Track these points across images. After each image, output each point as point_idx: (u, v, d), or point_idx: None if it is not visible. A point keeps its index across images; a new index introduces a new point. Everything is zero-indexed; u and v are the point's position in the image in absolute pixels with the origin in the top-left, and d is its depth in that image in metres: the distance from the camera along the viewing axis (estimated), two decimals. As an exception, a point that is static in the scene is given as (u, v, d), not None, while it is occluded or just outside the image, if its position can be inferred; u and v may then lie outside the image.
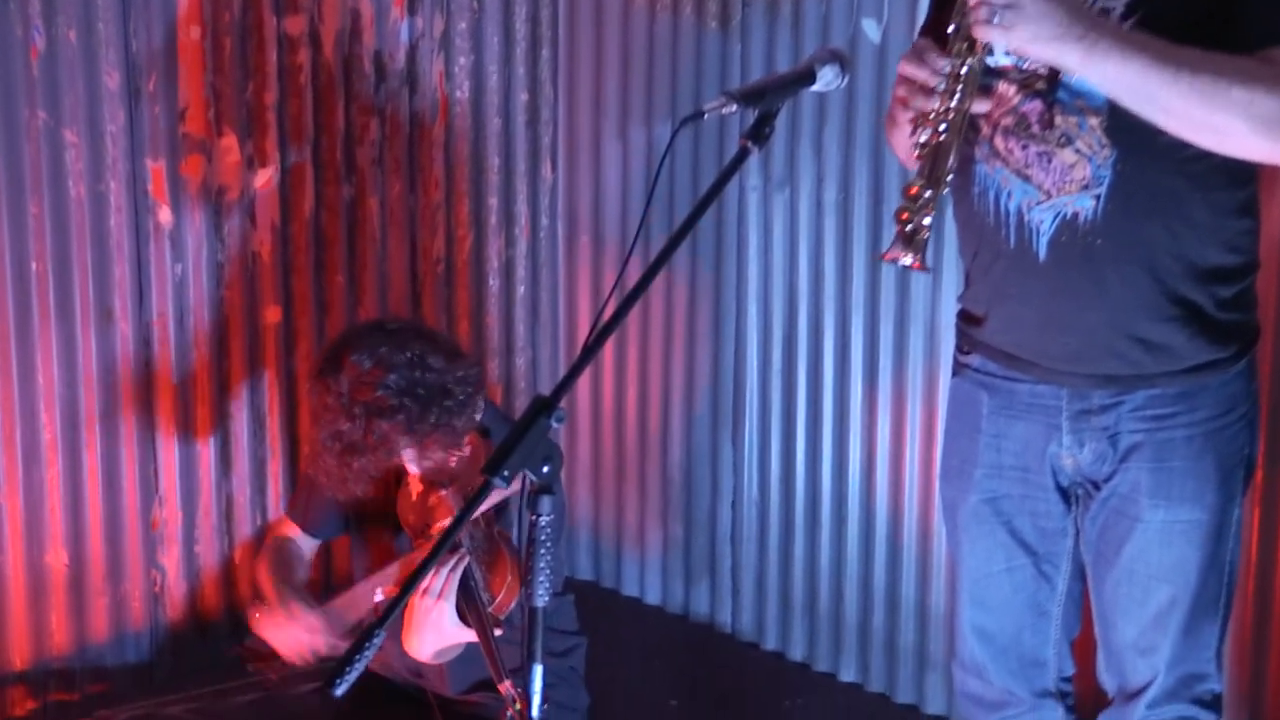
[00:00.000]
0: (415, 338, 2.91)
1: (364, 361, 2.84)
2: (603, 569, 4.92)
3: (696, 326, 4.53)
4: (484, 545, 2.83)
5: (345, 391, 2.83)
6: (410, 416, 2.81)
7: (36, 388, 3.87)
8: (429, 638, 2.79)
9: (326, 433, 2.86)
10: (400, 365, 2.84)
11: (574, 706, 3.18)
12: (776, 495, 4.38)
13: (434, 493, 2.92)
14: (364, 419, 2.81)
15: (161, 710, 3.92)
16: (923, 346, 3.97)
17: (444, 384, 2.86)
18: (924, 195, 2.36)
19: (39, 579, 3.94)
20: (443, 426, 2.84)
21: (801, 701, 4.14)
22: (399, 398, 2.81)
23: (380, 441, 2.82)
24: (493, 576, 2.80)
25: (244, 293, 4.22)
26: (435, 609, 2.76)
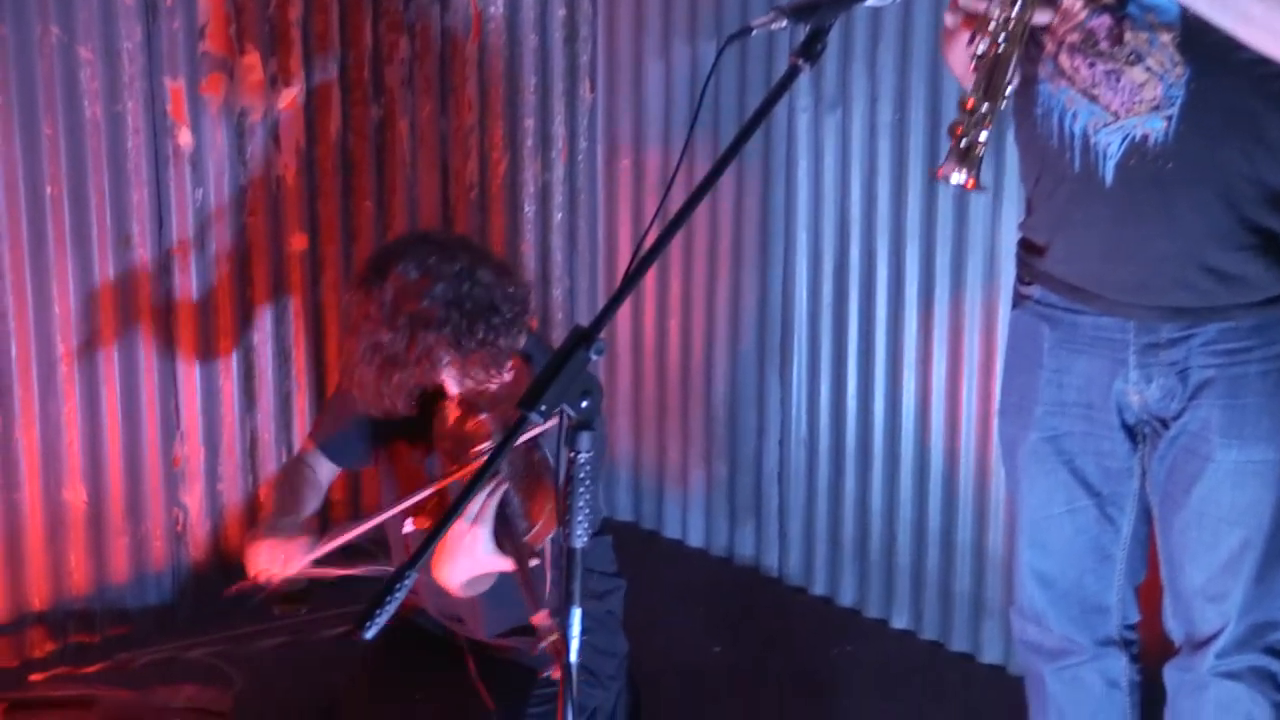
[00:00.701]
0: (464, 250, 2.92)
1: (410, 271, 2.84)
2: (643, 510, 4.94)
3: (742, 255, 4.53)
4: (522, 471, 2.84)
5: (389, 301, 2.84)
6: (457, 330, 2.81)
7: (52, 318, 3.90)
8: (461, 564, 2.80)
9: (366, 344, 2.86)
10: (448, 276, 2.84)
11: (612, 651, 3.20)
12: (826, 433, 4.38)
13: (472, 417, 2.92)
14: (407, 330, 2.82)
15: (184, 654, 3.97)
16: (981, 276, 3.95)
17: (493, 299, 2.86)
18: (980, 109, 2.34)
19: (57, 516, 3.99)
20: (489, 344, 2.84)
21: (851, 649, 4.16)
22: (446, 309, 2.82)
23: (423, 355, 2.82)
24: (531, 504, 2.80)
25: (267, 219, 4.23)
26: (470, 534, 2.76)
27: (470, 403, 2.94)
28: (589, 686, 3.00)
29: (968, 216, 3.94)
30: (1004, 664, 4.03)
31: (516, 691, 3.05)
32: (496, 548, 2.79)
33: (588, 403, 2.04)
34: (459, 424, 2.97)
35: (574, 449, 2.08)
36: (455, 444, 2.95)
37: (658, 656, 3.94)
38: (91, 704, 3.59)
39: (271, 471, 4.33)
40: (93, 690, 3.66)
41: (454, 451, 2.95)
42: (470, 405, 2.95)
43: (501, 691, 3.02)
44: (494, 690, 3.01)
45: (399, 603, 2.01)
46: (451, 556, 2.80)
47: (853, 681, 3.97)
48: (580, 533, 2.11)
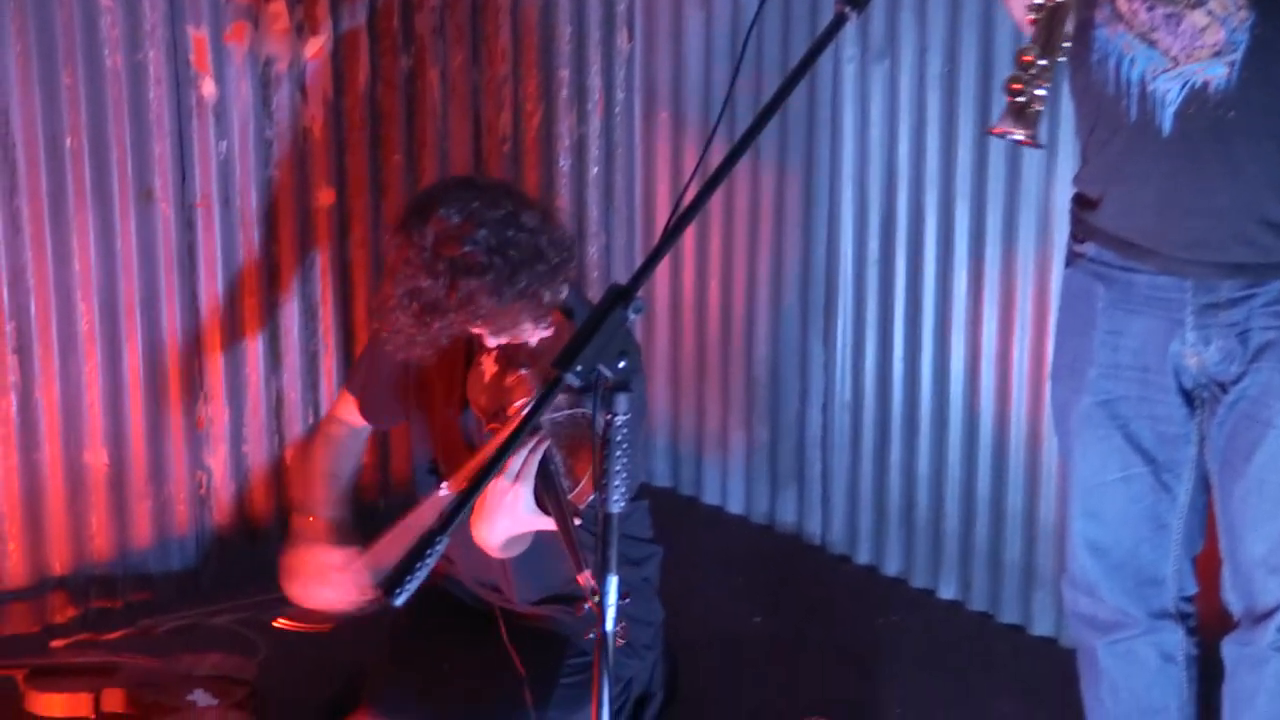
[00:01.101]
0: (507, 195, 2.91)
1: (453, 215, 2.84)
2: (681, 475, 4.95)
3: (785, 211, 4.51)
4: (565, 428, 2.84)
5: (429, 245, 2.83)
6: (499, 277, 2.81)
7: (72, 274, 3.92)
8: (501, 523, 2.80)
9: (404, 289, 2.86)
10: (492, 222, 2.84)
11: (648, 620, 3.21)
12: (871, 396, 4.38)
13: (511, 373, 2.92)
14: (448, 276, 2.81)
15: (208, 620, 4.00)
16: (1034, 233, 3.93)
17: (537, 245, 2.85)
18: (1038, 63, 2.33)
19: (78, 479, 4.01)
20: (530, 293, 2.84)
21: (896, 619, 4.16)
22: (488, 255, 2.81)
23: (464, 302, 2.82)
24: (574, 461, 2.80)
25: (294, 172, 4.24)
26: (512, 492, 2.76)
27: (509, 357, 2.94)
28: (624, 656, 3.01)
29: (1020, 171, 3.92)
30: (1055, 636, 4.02)
31: (549, 660, 3.07)
32: (538, 507, 2.80)
33: (625, 363, 2.04)
34: (497, 379, 2.96)
35: (611, 411, 2.09)
36: (492, 400, 2.95)
37: (695, 625, 3.94)
38: (114, 671, 3.62)
39: (298, 433, 4.35)
40: (115, 657, 3.70)
41: (491, 408, 2.95)
42: (509, 360, 2.95)
43: (534, 660, 3.03)
44: (526, 659, 3.02)
45: (430, 569, 2.02)
46: (491, 515, 2.80)
47: (898, 654, 3.97)
48: (617, 498, 2.12)
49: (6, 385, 3.87)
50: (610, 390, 2.08)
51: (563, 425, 2.85)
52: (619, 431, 2.10)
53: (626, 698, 3.16)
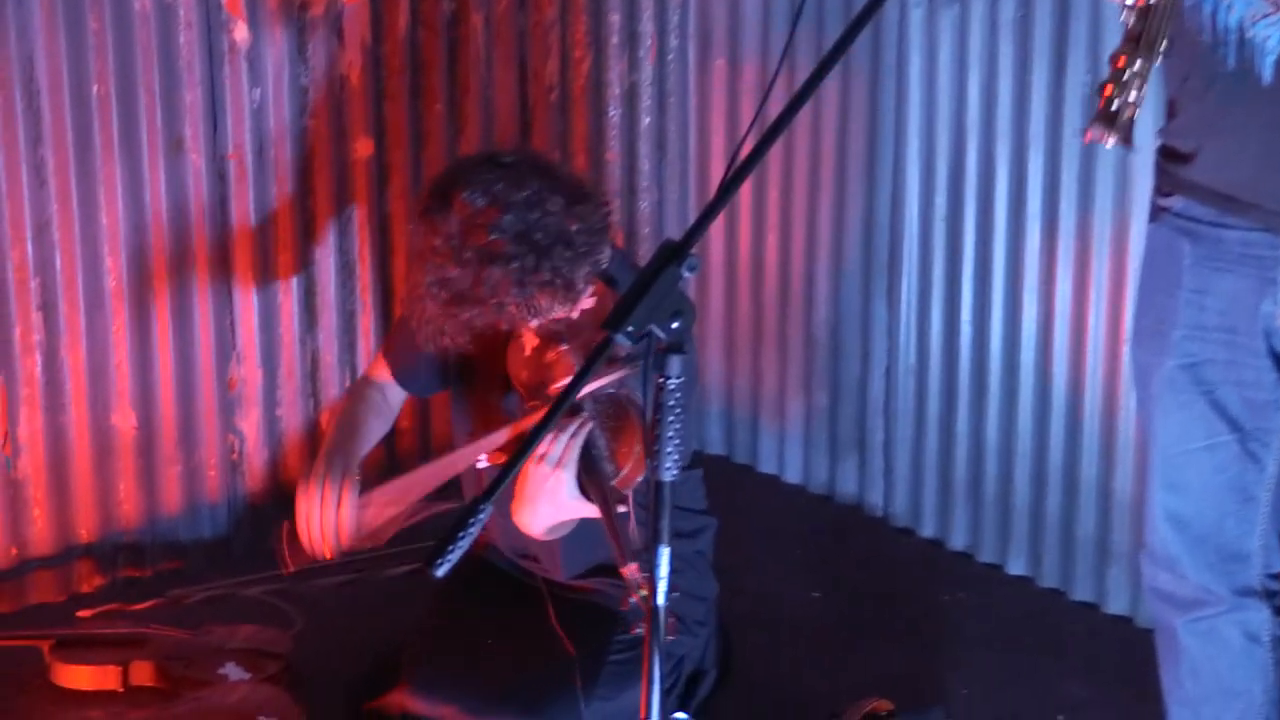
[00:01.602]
0: (533, 173, 2.89)
1: (476, 199, 2.83)
2: (736, 442, 4.94)
3: (847, 165, 4.49)
4: (609, 410, 2.84)
5: (455, 233, 2.83)
6: (522, 267, 2.81)
7: (99, 228, 3.93)
8: (543, 510, 2.81)
9: (432, 279, 2.86)
10: (516, 205, 2.83)
11: (701, 595, 3.20)
12: (937, 360, 4.35)
13: (552, 347, 2.92)
14: (475, 266, 2.81)
15: (240, 591, 4.02)
16: (1112, 188, 3.90)
17: (564, 229, 2.84)
18: (1133, 66, 2.28)
19: (105, 442, 4.03)
20: (557, 281, 2.84)
21: (962, 596, 4.14)
22: (514, 243, 2.81)
23: (492, 292, 2.82)
24: (618, 445, 2.80)
25: (330, 122, 4.24)
26: (553, 478, 2.77)
27: (549, 330, 2.94)
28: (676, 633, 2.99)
29: (1098, 122, 3.88)
30: (1130, 615, 4.00)
31: (597, 637, 3.07)
32: (581, 493, 2.80)
33: (679, 324, 2.03)
34: (537, 355, 2.96)
35: (663, 374, 2.08)
36: (533, 376, 2.95)
37: (750, 601, 3.94)
38: (142, 643, 3.64)
39: (334, 396, 4.36)
40: (143, 628, 3.72)
41: (532, 385, 2.95)
42: (549, 334, 2.94)
43: (581, 636, 3.03)
44: (573, 635, 3.02)
45: (472, 539, 2.01)
46: (533, 501, 2.81)
47: (963, 632, 3.96)
48: (669, 466, 2.11)
49: (31, 344, 3.88)
50: (663, 352, 2.07)
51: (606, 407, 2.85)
52: (671, 395, 2.08)
53: (678, 676, 3.16)
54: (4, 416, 3.89)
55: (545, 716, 2.99)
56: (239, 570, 4.13)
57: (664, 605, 2.14)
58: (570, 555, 3.08)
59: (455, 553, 2.00)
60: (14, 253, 3.82)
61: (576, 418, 2.82)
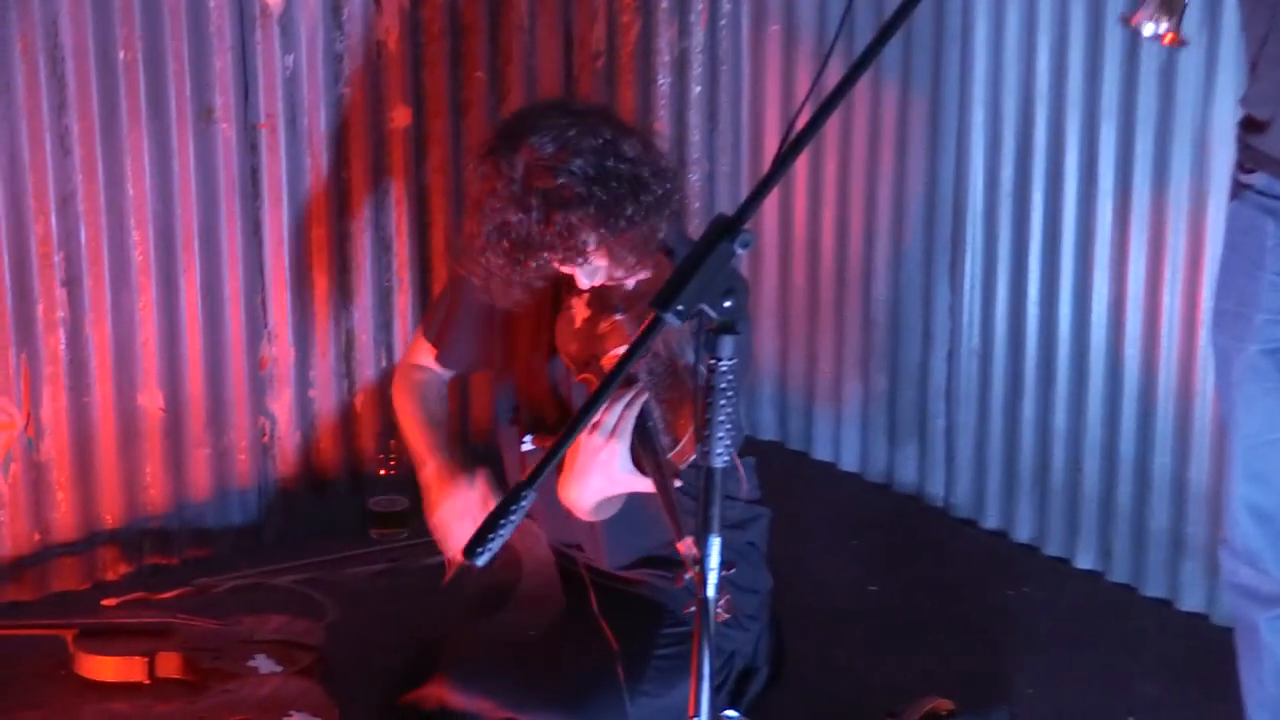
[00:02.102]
0: (606, 122, 2.91)
1: (545, 144, 2.84)
2: (790, 428, 4.93)
3: (909, 136, 4.47)
4: (665, 380, 2.83)
5: (519, 177, 2.83)
6: (602, 208, 2.81)
7: (125, 199, 3.94)
8: (594, 483, 2.80)
9: (492, 224, 2.86)
10: (588, 150, 2.83)
11: (754, 589, 3.20)
12: (1002, 342, 4.34)
13: (604, 318, 2.92)
14: (542, 210, 2.81)
15: (270, 580, 4.03)
16: (1189, 161, 3.87)
17: (639, 175, 2.85)
18: None
19: (131, 423, 4.04)
20: (640, 223, 2.84)
21: (1028, 591, 4.13)
22: (586, 187, 2.81)
23: (562, 236, 2.82)
24: (675, 417, 2.80)
25: (367, 90, 4.24)
26: (606, 449, 2.77)
27: (602, 300, 2.93)
28: (727, 627, 2.99)
29: (1174, 90, 3.86)
30: (1206, 612, 3.98)
31: (644, 630, 3.06)
32: (634, 466, 2.79)
33: (731, 303, 2.02)
34: (588, 325, 2.96)
35: (715, 355, 2.07)
36: (583, 348, 2.95)
37: (804, 595, 3.93)
38: (168, 633, 3.66)
39: (369, 377, 4.36)
40: (170, 618, 3.73)
41: (581, 357, 2.95)
42: (602, 303, 2.93)
43: (626, 629, 3.03)
44: (618, 628, 3.02)
45: (515, 526, 2.01)
46: (583, 474, 2.80)
47: (1028, 629, 3.94)
48: (720, 451, 2.10)
49: (54, 321, 3.90)
50: (714, 332, 2.06)
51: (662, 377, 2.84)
52: (723, 378, 2.08)
53: (729, 672, 3.16)
54: (26, 397, 3.91)
55: (588, 713, 2.99)
56: (269, 558, 4.15)
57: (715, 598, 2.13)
58: (616, 544, 3.08)
59: (497, 541, 2.00)
60: (37, 225, 3.83)
61: (631, 388, 2.82)
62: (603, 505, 2.87)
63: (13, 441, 3.91)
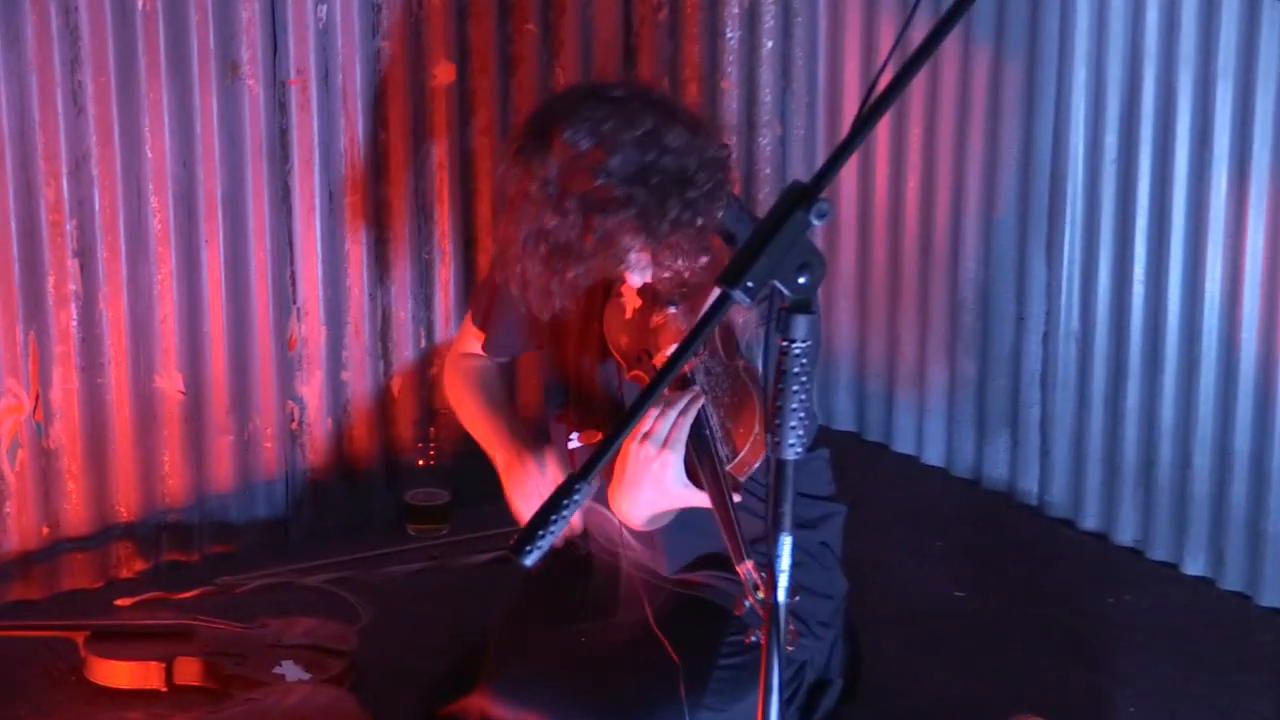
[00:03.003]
0: (646, 108, 2.89)
1: (580, 139, 2.83)
2: (868, 417, 4.93)
3: (1002, 97, 4.46)
4: (724, 382, 2.83)
5: (554, 178, 2.83)
6: (645, 212, 2.80)
7: (143, 163, 3.96)
8: (645, 497, 2.81)
9: (528, 230, 2.86)
10: (628, 145, 2.82)
11: (827, 593, 3.20)
12: (1104, 325, 4.32)
13: (657, 310, 2.92)
14: (580, 214, 2.81)
15: (299, 580, 4.05)
16: (1314, 127, 3.87)
17: (685, 169, 2.84)
18: None
19: (148, 408, 4.07)
20: (687, 222, 2.83)
21: (1130, 598, 4.12)
22: (627, 188, 2.81)
23: (603, 243, 2.82)
24: (735, 424, 2.80)
25: (406, 44, 4.25)
26: (658, 460, 2.77)
27: (654, 290, 2.93)
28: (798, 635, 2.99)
29: (1298, 49, 3.85)
30: (1328, 624, 3.98)
31: (705, 638, 3.07)
32: (690, 479, 2.80)
33: (806, 279, 2.02)
34: (640, 317, 2.96)
35: (788, 336, 2.07)
36: (634, 342, 2.95)
37: (883, 600, 3.93)
38: (188, 636, 3.68)
39: (407, 358, 4.37)
40: (190, 620, 3.76)
41: (632, 352, 2.95)
42: (654, 293, 2.93)
43: (686, 638, 3.03)
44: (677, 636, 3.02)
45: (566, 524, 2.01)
46: (634, 487, 2.81)
47: (1131, 640, 3.93)
48: (793, 441, 2.10)
49: (65, 295, 3.93)
50: (787, 312, 2.06)
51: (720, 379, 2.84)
52: (797, 362, 2.07)
53: (799, 685, 3.15)
54: (35, 378, 3.93)
55: (645, 730, 3.00)
56: (298, 555, 4.17)
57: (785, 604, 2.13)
58: (675, 545, 3.08)
59: (546, 539, 2.00)
60: (48, 191, 3.86)
61: (686, 391, 2.82)
62: (655, 518, 2.88)
63: (20, 426, 3.94)
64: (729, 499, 2.76)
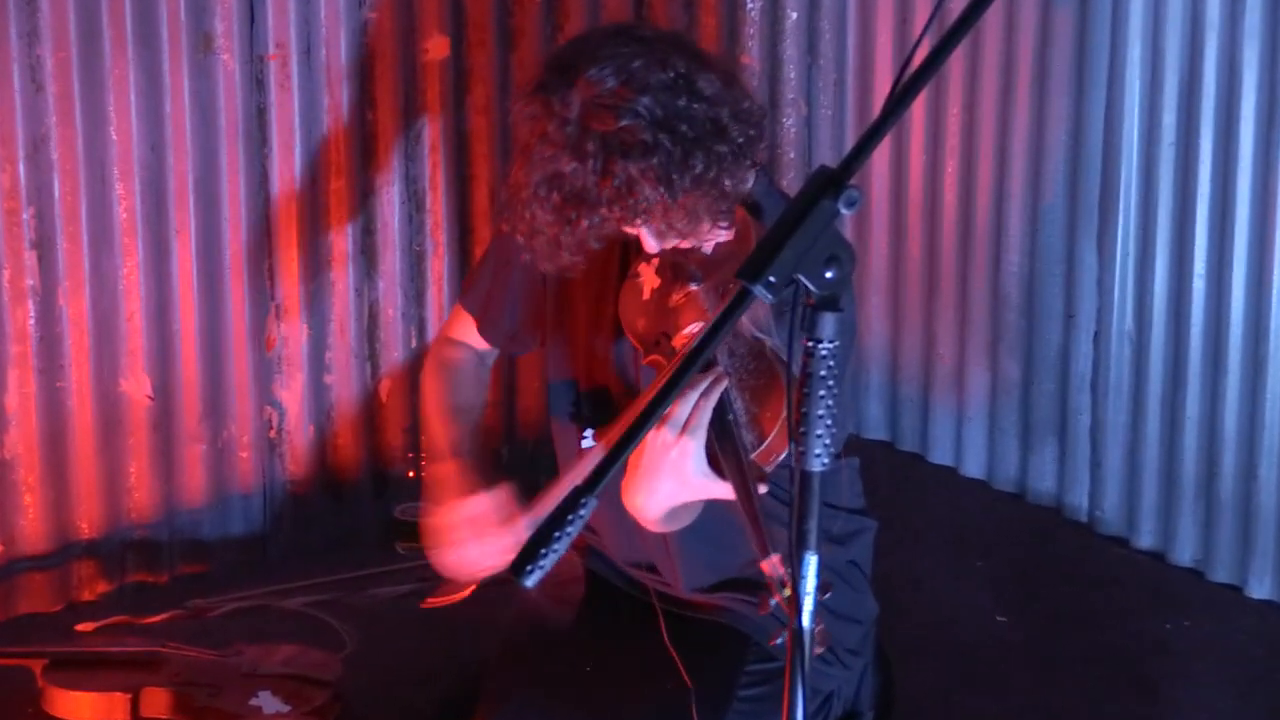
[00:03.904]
0: (678, 50, 2.89)
1: (606, 77, 2.83)
2: (902, 425, 4.94)
3: (1049, 74, 4.47)
4: (749, 365, 2.83)
5: (575, 117, 2.82)
6: (667, 160, 2.80)
7: (108, 145, 3.97)
8: (663, 487, 2.79)
9: (542, 174, 2.86)
10: (658, 87, 2.82)
11: (856, 617, 3.20)
12: (1160, 324, 4.33)
13: (678, 287, 2.92)
14: (601, 158, 2.80)
15: (278, 603, 4.06)
16: (1392, 107, 3.88)
17: (717, 118, 2.84)
18: None
19: (112, 415, 4.08)
20: (710, 180, 2.83)
21: (1189, 624, 4.12)
22: (653, 131, 2.81)
23: (621, 192, 2.81)
24: (760, 409, 2.80)
25: (396, 15, 4.26)
26: (678, 447, 2.76)
27: (675, 267, 2.94)
28: (824, 663, 3.00)
29: (1375, 21, 3.86)
30: (1406, 652, 3.99)
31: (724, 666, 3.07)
32: (711, 468, 2.80)
33: (834, 273, 2.02)
34: (659, 297, 2.96)
35: (814, 336, 2.07)
36: (652, 324, 2.96)
37: (918, 625, 3.94)
38: (156, 665, 3.69)
39: (396, 360, 4.38)
40: (158, 647, 3.76)
41: (650, 335, 2.96)
42: (675, 270, 2.94)
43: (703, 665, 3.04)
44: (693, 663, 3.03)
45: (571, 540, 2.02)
46: (651, 477, 2.81)
47: (1191, 670, 3.94)
48: (819, 451, 2.10)
49: (22, 290, 3.94)
50: (813, 309, 2.06)
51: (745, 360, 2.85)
52: (824, 364, 2.08)
53: (826, 716, 3.16)
54: (-11, 380, 3.95)
55: (657, 765, 3.01)
56: (276, 576, 4.18)
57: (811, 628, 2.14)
58: (693, 561, 3.09)
59: (550, 557, 2.01)
60: (2, 177, 3.87)
61: (709, 373, 2.82)
62: (674, 514, 2.87)
63: (-28, 434, 3.96)
64: (754, 490, 2.76)
